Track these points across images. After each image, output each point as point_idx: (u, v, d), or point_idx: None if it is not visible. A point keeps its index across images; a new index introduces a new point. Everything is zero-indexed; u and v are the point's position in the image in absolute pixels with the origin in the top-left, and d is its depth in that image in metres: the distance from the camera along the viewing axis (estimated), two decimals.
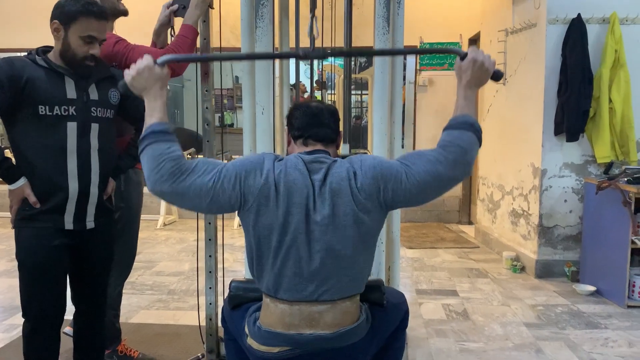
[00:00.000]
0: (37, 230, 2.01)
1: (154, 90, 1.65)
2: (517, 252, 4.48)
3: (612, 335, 3.12)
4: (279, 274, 1.60)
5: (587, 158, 4.08)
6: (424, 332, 3.14)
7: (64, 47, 1.99)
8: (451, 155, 1.59)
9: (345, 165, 1.62)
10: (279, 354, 1.62)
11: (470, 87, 1.71)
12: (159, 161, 1.53)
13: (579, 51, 3.88)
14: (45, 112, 1.95)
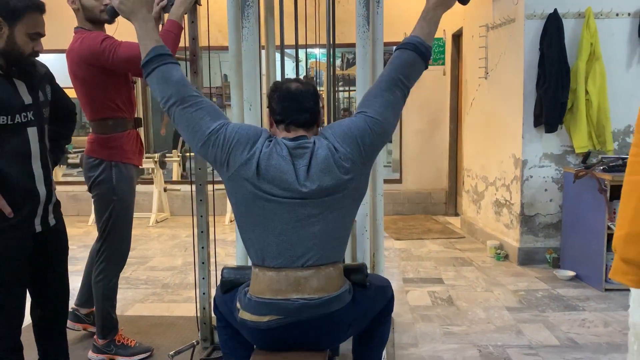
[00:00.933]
0: (16, 237, 1.98)
1: (142, 13, 1.78)
2: (501, 240, 4.63)
3: (589, 316, 3.27)
4: (263, 243, 1.73)
5: (566, 148, 4.22)
6: (409, 318, 3.27)
7: (8, 45, 1.90)
8: (394, 78, 1.80)
9: (324, 143, 1.74)
10: (268, 322, 1.72)
11: (435, 8, 1.90)
12: (171, 82, 1.72)
13: (556, 45, 4.02)
14: (6, 122, 1.90)
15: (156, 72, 1.76)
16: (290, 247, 1.72)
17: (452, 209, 6.52)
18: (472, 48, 5.32)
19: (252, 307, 1.76)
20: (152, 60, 1.76)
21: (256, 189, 1.71)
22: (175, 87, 1.76)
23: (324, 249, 1.74)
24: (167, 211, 6.56)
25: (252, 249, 1.78)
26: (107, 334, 2.73)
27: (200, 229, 2.76)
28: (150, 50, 1.77)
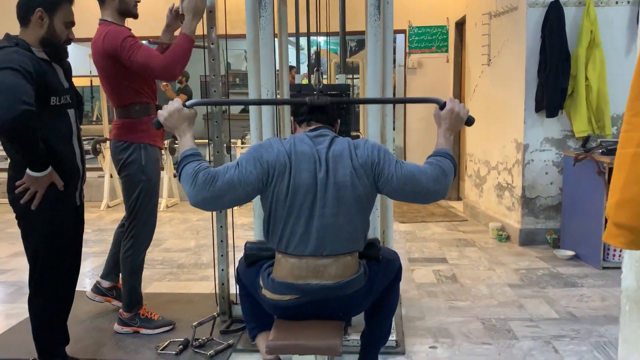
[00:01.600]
0: (64, 210, 2.28)
1: (182, 127, 1.93)
2: (503, 222, 4.78)
3: (587, 292, 3.43)
4: (290, 232, 1.88)
5: (566, 133, 4.36)
6: (416, 294, 3.43)
7: (48, 34, 2.16)
8: (434, 172, 1.90)
9: (347, 140, 1.91)
10: (289, 301, 1.90)
11: (446, 132, 2.01)
12: (193, 176, 1.79)
13: (557, 32, 4.14)
14: (55, 102, 2.19)
15: (182, 173, 1.84)
16: (311, 238, 1.86)
17: (454, 193, 6.67)
18: (475, 36, 5.44)
19: (274, 287, 1.92)
20: (179, 164, 1.87)
21: (290, 178, 1.84)
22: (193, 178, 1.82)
23: (341, 241, 1.89)
24: (177, 196, 6.72)
25: (277, 238, 1.92)
26: (133, 307, 2.90)
27: None
28: (181, 154, 1.88)
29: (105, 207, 6.36)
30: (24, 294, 3.56)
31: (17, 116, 1.93)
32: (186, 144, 1.91)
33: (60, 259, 2.30)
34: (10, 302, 3.45)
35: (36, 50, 2.15)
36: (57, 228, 2.25)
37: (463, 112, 2.01)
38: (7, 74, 1.98)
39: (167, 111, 1.93)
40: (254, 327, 2.26)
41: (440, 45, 6.52)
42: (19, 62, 2.03)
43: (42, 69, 2.12)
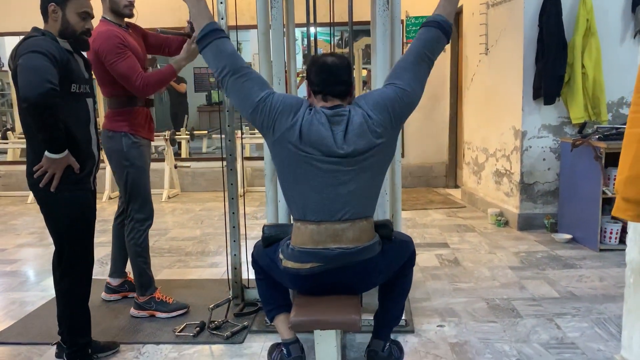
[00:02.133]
0: (85, 192, 2.39)
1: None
2: (501, 208, 4.90)
3: (585, 273, 3.55)
4: (304, 199, 1.98)
5: (563, 119, 4.47)
6: (420, 277, 3.54)
7: (63, 26, 2.28)
8: (420, 53, 2.03)
9: (359, 111, 1.98)
10: (310, 269, 1.98)
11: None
12: (223, 56, 1.95)
13: (554, 21, 4.23)
14: (75, 90, 2.30)
15: (211, 45, 1.98)
16: (329, 203, 1.95)
17: (452, 181, 6.78)
18: (472, 25, 5.53)
19: (295, 256, 2.00)
20: (207, 35, 1.98)
21: (299, 151, 1.93)
22: (229, 59, 1.99)
23: (358, 205, 1.98)
24: (177, 187, 6.78)
25: (294, 205, 2.02)
26: (145, 290, 2.99)
27: (230, 195, 3.00)
28: (205, 26, 1.99)
29: (107, 198, 6.41)
30: (35, 283, 3.67)
31: (43, 93, 2.07)
32: (204, 14, 2.03)
33: (85, 240, 2.39)
34: (24, 290, 3.52)
35: (61, 41, 2.28)
36: (78, 208, 2.34)
37: None
38: (36, 56, 2.12)
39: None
40: (271, 309, 2.34)
41: None
42: (46, 47, 2.16)
43: (65, 57, 2.24)
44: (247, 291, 3.11)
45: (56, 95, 2.12)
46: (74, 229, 2.34)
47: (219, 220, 5.29)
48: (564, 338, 2.64)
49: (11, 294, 3.45)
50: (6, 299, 3.36)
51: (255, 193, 6.67)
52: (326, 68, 2.02)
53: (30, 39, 2.21)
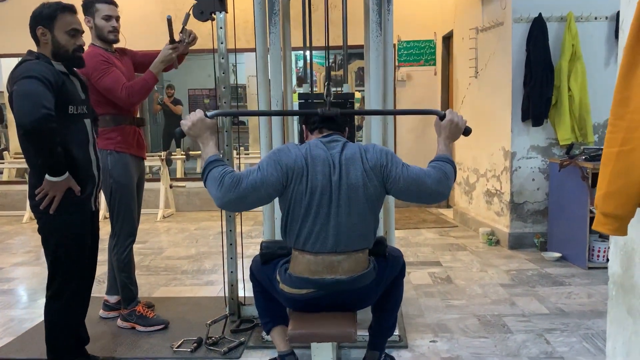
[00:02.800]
0: (81, 215, 2.40)
1: (205, 135, 2.08)
2: (492, 227, 4.99)
3: (574, 290, 3.63)
4: (308, 231, 2.03)
5: (551, 141, 4.60)
6: (414, 294, 3.61)
7: (54, 47, 2.28)
8: (437, 175, 2.08)
9: (357, 144, 2.09)
10: (305, 295, 2.06)
11: (446, 140, 2.22)
12: (219, 179, 1.94)
13: (541, 46, 4.39)
14: (73, 112, 2.32)
15: (208, 177, 1.99)
16: (326, 236, 2.03)
17: (444, 201, 6.88)
18: (462, 49, 5.69)
19: (291, 282, 2.08)
20: (204, 169, 2.02)
21: (307, 180, 1.99)
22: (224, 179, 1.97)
23: (354, 238, 2.05)
24: (172, 207, 6.84)
25: (294, 236, 2.08)
26: (128, 304, 3.09)
27: (228, 213, 3.07)
28: (204, 161, 2.04)
29: (102, 217, 6.45)
30: (32, 300, 3.70)
31: (38, 119, 2.08)
32: (210, 151, 2.06)
33: (80, 263, 2.40)
34: (22, 308, 3.55)
35: (55, 63, 2.29)
36: (75, 232, 2.35)
37: (461, 122, 2.20)
38: (30, 82, 2.13)
39: (191, 121, 2.08)
40: (268, 322, 2.40)
41: (428, 58, 6.77)
42: (40, 71, 2.18)
43: (60, 80, 2.25)
44: (244, 308, 3.17)
45: (52, 120, 2.12)
46: (68, 251, 2.34)
47: (213, 239, 5.34)
48: (553, 352, 2.71)
49: (9, 312, 3.48)
50: (4, 317, 3.39)
51: (250, 212, 6.73)
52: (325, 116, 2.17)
53: (24, 63, 2.23)
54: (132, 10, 6.94)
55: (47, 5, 2.27)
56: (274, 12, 2.65)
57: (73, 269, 2.37)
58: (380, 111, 2.77)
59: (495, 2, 4.79)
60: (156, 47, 3.10)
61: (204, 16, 2.94)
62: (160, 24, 6.64)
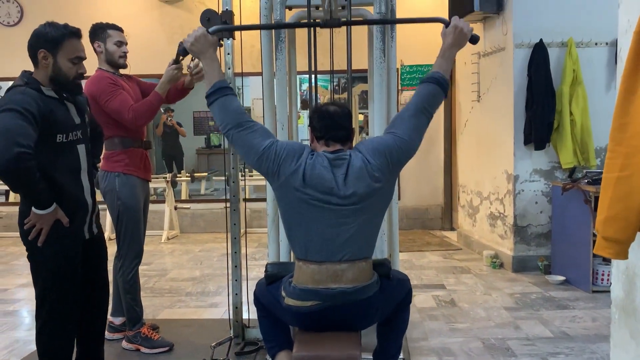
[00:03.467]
0: (71, 244, 2.27)
1: (209, 53, 2.14)
2: (496, 250, 5.00)
3: (579, 313, 3.63)
4: (308, 241, 2.08)
5: (554, 164, 4.63)
6: (418, 317, 3.61)
7: (54, 72, 2.16)
8: (419, 106, 2.16)
9: (359, 156, 2.11)
10: (310, 307, 2.07)
11: (451, 47, 2.26)
12: (229, 111, 2.07)
13: (542, 71, 4.45)
14: (62, 140, 2.18)
15: (217, 102, 2.11)
16: (330, 244, 2.06)
17: (447, 223, 6.89)
18: (464, 73, 5.76)
19: (296, 294, 2.10)
20: (215, 92, 2.12)
21: (302, 195, 2.05)
22: (233, 115, 2.13)
23: (357, 246, 2.08)
24: (177, 229, 6.87)
25: (297, 246, 2.12)
26: (133, 325, 3.12)
27: (233, 235, 3.11)
28: (214, 84, 2.13)
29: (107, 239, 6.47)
30: None
31: (10, 158, 1.94)
32: (215, 73, 2.15)
33: (69, 295, 2.26)
34: (27, 329, 3.57)
35: (45, 89, 2.17)
36: (62, 263, 2.23)
37: (467, 28, 2.24)
38: (7, 116, 2.00)
39: (193, 37, 2.13)
40: (273, 346, 2.39)
41: None
42: (21, 102, 2.05)
43: (47, 108, 2.12)
44: (248, 330, 3.18)
45: (27, 158, 1.98)
46: (56, 282, 2.22)
47: (218, 261, 5.35)
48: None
49: (14, 333, 3.49)
50: (9, 338, 3.41)
51: (254, 234, 6.75)
52: (328, 115, 2.18)
53: (10, 90, 2.13)
54: (139, 36, 7.08)
55: (53, 27, 2.17)
56: (280, 39, 2.72)
57: (61, 301, 2.24)
58: (384, 20, 2.75)
59: (496, 28, 4.87)
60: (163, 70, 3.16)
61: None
62: (166, 49, 6.81)
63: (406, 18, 2.65)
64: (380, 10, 2.70)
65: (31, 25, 2.34)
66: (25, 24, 6.92)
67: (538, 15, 4.52)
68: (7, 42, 6.94)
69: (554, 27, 4.49)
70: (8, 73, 6.93)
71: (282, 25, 2.74)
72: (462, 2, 4.89)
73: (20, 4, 6.95)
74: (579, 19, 4.49)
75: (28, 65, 2.27)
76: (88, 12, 6.93)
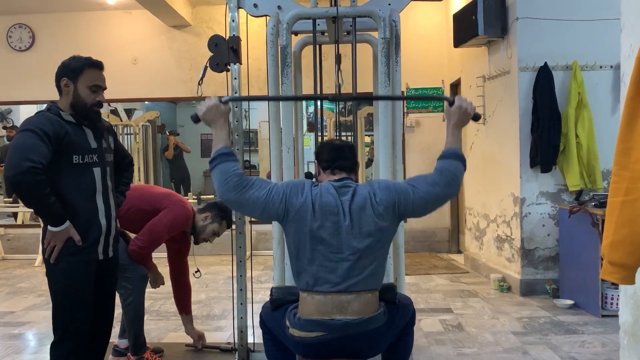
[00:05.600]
0: (83, 263, 2.34)
1: (219, 122, 2.17)
2: (503, 273, 4.95)
3: (588, 338, 3.58)
4: (315, 272, 2.07)
5: (560, 187, 4.62)
6: (425, 342, 3.57)
7: (74, 99, 2.33)
8: (445, 179, 2.14)
9: (367, 187, 2.13)
10: (315, 338, 2.06)
11: (456, 127, 2.27)
12: (227, 176, 2.05)
13: (547, 94, 4.47)
14: (78, 161, 2.30)
15: (218, 167, 2.10)
16: (335, 276, 2.06)
17: (455, 246, 6.86)
18: (469, 96, 5.77)
19: (300, 325, 2.09)
20: (217, 158, 2.12)
21: (313, 224, 2.05)
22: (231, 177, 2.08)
23: (363, 278, 2.07)
24: None
25: (303, 277, 2.11)
26: (138, 351, 3.11)
27: (238, 258, 3.11)
28: (219, 149, 2.13)
29: None
30: (43, 345, 3.70)
31: (21, 172, 2.10)
32: (222, 140, 2.15)
33: (79, 312, 2.33)
34: (32, 353, 3.56)
35: (64, 114, 2.32)
36: (72, 281, 2.30)
37: (470, 108, 2.25)
38: (23, 135, 2.20)
39: (206, 106, 2.16)
40: None
41: (437, 105, 6.88)
42: (38, 124, 2.22)
43: (63, 130, 2.26)
44: (253, 355, 3.15)
45: (36, 172, 2.11)
46: (68, 300, 2.31)
47: (223, 284, 5.34)
48: None
49: (18, 357, 3.48)
50: None
51: (260, 257, 6.74)
52: (334, 147, 2.27)
53: (34, 115, 2.33)
54: (147, 60, 7.20)
55: (76, 59, 2.36)
56: (286, 64, 2.75)
57: (72, 319, 2.31)
58: (390, 97, 2.80)
59: (501, 52, 4.91)
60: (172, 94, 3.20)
61: (219, 67, 3.04)
62: (174, 74, 6.90)
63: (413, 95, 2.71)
64: (385, 36, 2.73)
65: (42, 50, 2.44)
66: (36, 49, 7.04)
67: (542, 39, 4.55)
68: (19, 66, 7.06)
69: (559, 51, 4.53)
70: (20, 97, 7.08)
71: (291, 97, 2.82)
72: (467, 26, 4.93)
73: (31, 29, 7.07)
74: (584, 42, 4.53)
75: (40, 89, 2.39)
76: (98, 38, 7.06)
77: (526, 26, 4.57)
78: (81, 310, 2.33)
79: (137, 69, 7.08)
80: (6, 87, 7.08)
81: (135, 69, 7.06)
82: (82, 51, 2.54)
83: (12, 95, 7.11)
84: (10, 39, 7.09)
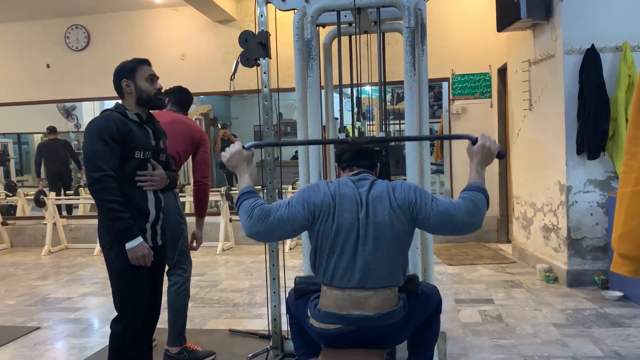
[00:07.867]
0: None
1: (242, 166, 2.23)
2: (550, 264, 4.81)
3: (634, 332, 3.43)
4: (334, 266, 2.10)
5: (610, 174, 4.42)
6: (461, 332, 3.54)
7: (138, 94, 2.53)
8: (467, 206, 2.10)
9: (385, 182, 2.15)
10: (334, 330, 2.11)
11: (479, 165, 2.22)
12: (250, 211, 2.08)
13: (594, 78, 4.28)
14: (140, 156, 2.52)
15: (241, 205, 2.14)
16: (353, 272, 2.09)
17: (503, 235, 6.70)
18: (516, 82, 5.62)
19: (320, 317, 2.14)
20: (239, 199, 2.17)
21: (333, 217, 2.08)
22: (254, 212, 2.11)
23: (381, 275, 2.10)
24: (232, 240, 7.06)
25: (322, 271, 2.16)
26: (181, 341, 3.19)
27: (271, 248, 3.18)
28: (241, 189, 2.18)
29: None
30: (95, 330, 3.94)
31: (95, 181, 2.36)
32: (245, 182, 2.20)
33: (134, 292, 2.51)
34: (84, 337, 3.79)
35: (130, 113, 2.52)
36: (127, 264, 2.46)
37: (494, 147, 2.20)
38: (93, 143, 2.40)
39: (229, 153, 2.23)
40: (302, 353, 2.47)
41: (484, 91, 6.72)
42: (105, 127, 2.42)
43: (127, 128, 2.46)
44: (287, 342, 3.23)
45: (107, 180, 2.35)
46: (124, 282, 2.48)
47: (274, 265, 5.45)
48: None
49: (72, 340, 3.72)
50: (68, 344, 3.63)
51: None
52: (355, 149, 2.29)
53: (100, 114, 2.51)
54: (195, 56, 7.41)
55: (126, 62, 2.57)
56: (311, 57, 2.78)
57: (131, 296, 2.51)
58: (410, 137, 2.80)
59: (546, 35, 4.73)
60: (219, 88, 3.30)
61: (249, 63, 3.11)
62: (221, 68, 7.06)
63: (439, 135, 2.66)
64: (410, 25, 2.71)
65: (97, 49, 2.64)
66: (92, 48, 7.38)
67: (588, 20, 4.36)
68: (76, 65, 7.44)
69: (607, 32, 4.32)
70: (78, 94, 7.45)
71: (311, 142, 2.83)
72: (509, 9, 4.78)
73: (87, 29, 7.42)
74: (634, 21, 4.30)
75: (96, 88, 2.58)
76: (147, 35, 7.31)
77: (571, 7, 4.38)
78: (136, 290, 2.52)
79: (186, 64, 7.30)
80: (66, 86, 7.48)
81: (184, 64, 7.28)
82: (132, 49, 2.74)
83: (73, 93, 7.50)
84: (68, 39, 7.48)
